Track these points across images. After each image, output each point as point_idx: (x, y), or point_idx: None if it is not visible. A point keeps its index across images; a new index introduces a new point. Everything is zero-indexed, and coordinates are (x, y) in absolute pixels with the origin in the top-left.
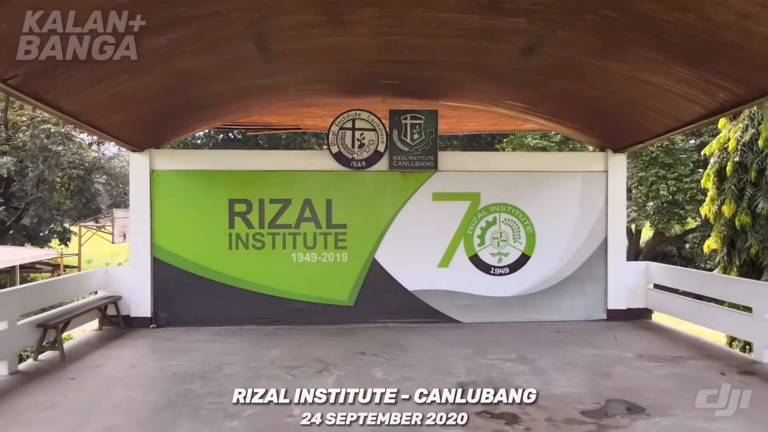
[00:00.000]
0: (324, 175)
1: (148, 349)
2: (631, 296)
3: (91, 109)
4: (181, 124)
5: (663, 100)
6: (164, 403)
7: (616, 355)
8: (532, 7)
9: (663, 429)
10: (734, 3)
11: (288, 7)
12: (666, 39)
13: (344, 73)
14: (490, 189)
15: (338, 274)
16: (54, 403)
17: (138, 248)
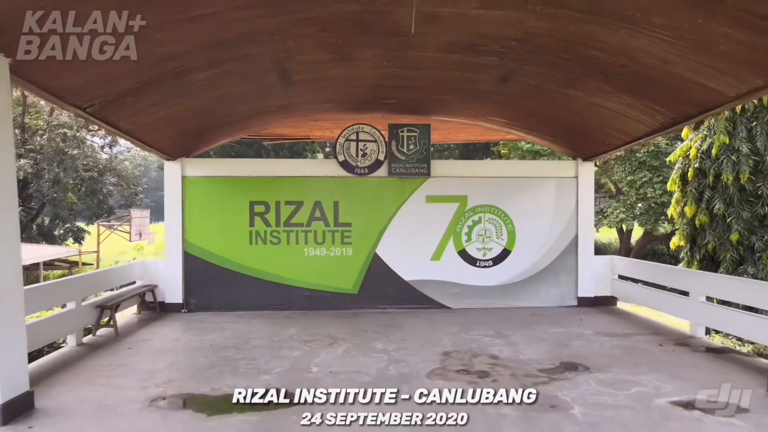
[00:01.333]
0: (332, 180)
1: (184, 328)
2: (598, 285)
3: (142, 128)
4: (209, 137)
5: (616, 120)
6: (208, 364)
7: (578, 332)
8: (501, 49)
9: (598, 380)
10: (655, 52)
11: (305, 49)
12: (610, 75)
13: (349, 95)
14: (476, 192)
15: (344, 266)
16: (120, 364)
17: (171, 243)
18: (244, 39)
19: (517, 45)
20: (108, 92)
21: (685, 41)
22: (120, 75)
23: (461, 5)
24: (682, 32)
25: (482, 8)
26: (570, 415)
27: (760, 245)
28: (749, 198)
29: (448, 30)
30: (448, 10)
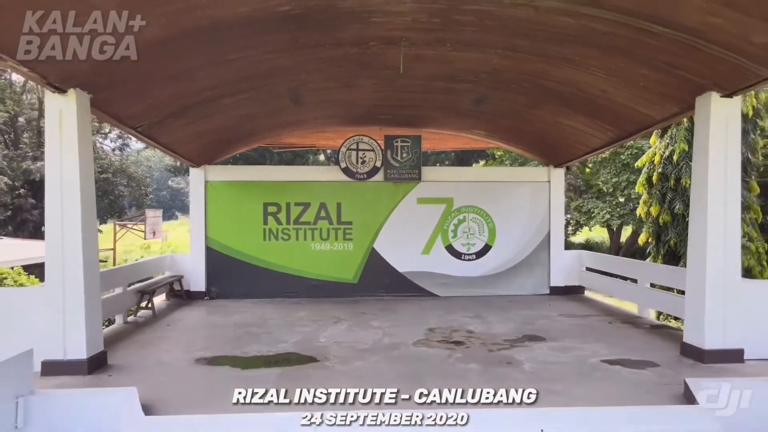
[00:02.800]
0: (335, 184)
1: (210, 311)
2: (568, 276)
3: (177, 141)
4: (230, 147)
5: (576, 135)
6: (236, 336)
7: (544, 314)
8: (475, 79)
9: (550, 347)
10: (596, 84)
11: (315, 79)
12: (565, 100)
13: (350, 112)
14: (460, 195)
15: (346, 259)
16: (164, 337)
17: (195, 239)
18: (266, 73)
19: (487, 76)
20: (156, 115)
21: (617, 78)
22: (167, 102)
23: (439, 49)
24: (612, 72)
25: (456, 51)
26: (520, 368)
27: None
28: None
29: (431, 66)
30: (429, 53)
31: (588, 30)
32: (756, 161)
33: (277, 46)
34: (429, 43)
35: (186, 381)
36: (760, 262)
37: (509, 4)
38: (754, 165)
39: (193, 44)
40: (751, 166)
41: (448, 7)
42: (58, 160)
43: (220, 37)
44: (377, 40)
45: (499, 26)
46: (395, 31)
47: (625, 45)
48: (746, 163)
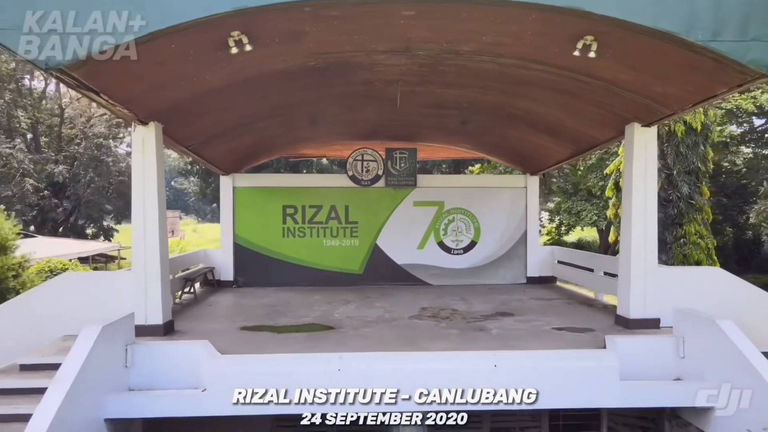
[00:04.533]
0: (343, 190)
1: (240, 296)
2: (542, 268)
3: (216, 155)
4: (254, 159)
5: (545, 149)
6: (266, 313)
7: (518, 298)
8: (458, 107)
9: (515, 319)
10: (553, 113)
11: (329, 107)
12: (531, 123)
13: (357, 130)
14: (450, 199)
15: (352, 253)
16: (209, 313)
17: (225, 236)
18: (292, 104)
19: (467, 105)
20: (204, 137)
21: (566, 110)
22: (213, 127)
23: (428, 87)
24: (563, 106)
25: (441, 89)
26: (489, 333)
27: (671, 238)
28: (663, 202)
29: (422, 98)
30: (420, 90)
31: (539, 78)
32: (706, 169)
33: (302, 87)
34: (419, 84)
35: (238, 340)
36: (709, 256)
37: (478, 61)
38: (705, 172)
39: (241, 89)
40: (701, 174)
41: (433, 62)
42: (141, 174)
43: (262, 83)
44: (379, 81)
45: (472, 74)
46: (393, 76)
47: (569, 88)
48: (698, 171)
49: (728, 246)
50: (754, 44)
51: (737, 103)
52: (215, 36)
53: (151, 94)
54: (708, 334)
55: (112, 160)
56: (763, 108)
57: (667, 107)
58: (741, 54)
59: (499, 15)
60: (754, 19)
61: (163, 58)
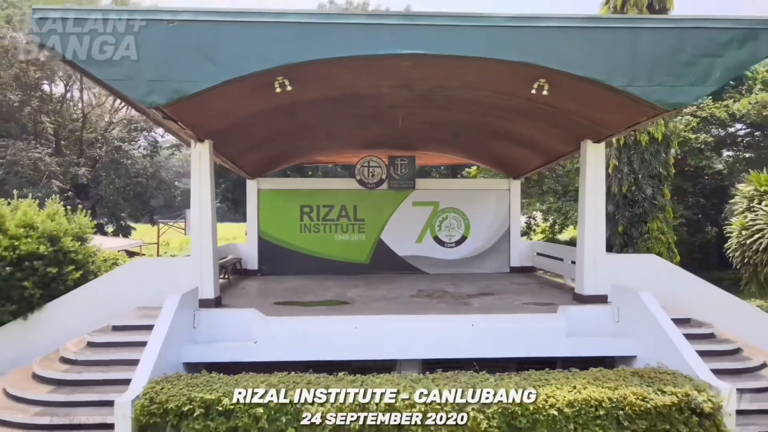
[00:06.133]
0: (352, 192)
1: (266, 282)
2: (523, 259)
3: (247, 163)
4: (277, 165)
5: (523, 158)
6: (291, 294)
7: (500, 283)
8: (449, 124)
9: (494, 297)
10: (526, 131)
11: (342, 124)
12: (509, 138)
13: (364, 141)
14: (444, 199)
15: (360, 246)
16: (245, 293)
17: (250, 232)
18: (313, 122)
19: (458, 123)
20: (242, 149)
21: (535, 129)
22: (249, 141)
23: (425, 110)
24: (532, 125)
25: (435, 111)
26: (471, 306)
27: (637, 234)
28: (630, 203)
29: (419, 118)
30: (418, 111)
31: (510, 105)
32: (668, 173)
33: (323, 110)
34: (417, 107)
35: (275, 310)
36: (670, 249)
37: (463, 93)
38: (666, 176)
39: (275, 114)
40: (663, 178)
41: (427, 93)
42: (198, 180)
43: (292, 109)
44: (384, 106)
45: (459, 102)
46: (396, 102)
47: (535, 113)
48: (660, 175)
49: (711, 244)
50: (659, 88)
51: (711, 112)
52: (265, 81)
53: (209, 120)
54: (634, 303)
55: (130, 163)
56: (735, 116)
57: (607, 129)
58: (649, 95)
59: (475, 64)
60: (658, 70)
61: (225, 96)
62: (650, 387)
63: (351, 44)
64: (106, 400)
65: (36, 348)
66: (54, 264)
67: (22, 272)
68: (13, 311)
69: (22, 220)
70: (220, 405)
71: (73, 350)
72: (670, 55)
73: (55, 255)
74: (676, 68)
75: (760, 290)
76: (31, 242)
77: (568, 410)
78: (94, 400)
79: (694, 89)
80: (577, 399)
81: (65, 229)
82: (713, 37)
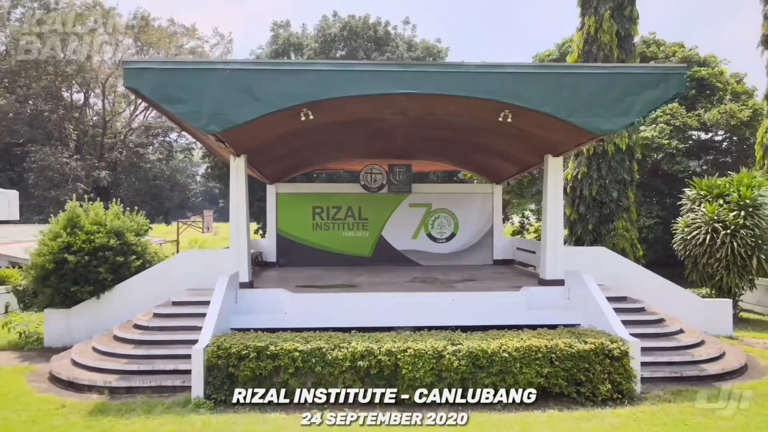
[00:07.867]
0: (357, 195)
1: (284, 272)
2: (505, 253)
3: (269, 172)
4: (292, 172)
5: (501, 166)
6: (308, 280)
7: (483, 272)
8: (438, 139)
9: (475, 282)
10: (502, 147)
11: (350, 140)
12: (487, 151)
13: (367, 152)
14: (437, 201)
15: (364, 241)
16: (269, 279)
17: (270, 229)
18: (327, 139)
19: (444, 139)
20: (268, 160)
21: (507, 145)
22: (273, 154)
23: (419, 129)
24: (504, 142)
25: (427, 130)
26: (456, 288)
27: (604, 231)
28: (598, 204)
29: (416, 134)
30: (414, 130)
31: (486, 127)
32: (632, 179)
33: (335, 130)
34: (413, 127)
35: (298, 291)
36: (633, 245)
37: (448, 117)
38: (630, 182)
39: (297, 134)
40: (628, 183)
41: (420, 119)
42: (236, 188)
43: (312, 130)
44: (386, 126)
45: (445, 124)
46: (395, 124)
47: (506, 133)
48: (624, 181)
49: None
50: (593, 118)
51: (684, 121)
52: (293, 113)
53: (247, 141)
54: (579, 283)
55: (149, 166)
56: (706, 124)
57: (563, 147)
58: (586, 123)
59: (454, 99)
60: (594, 104)
61: (260, 123)
62: (576, 339)
63: (361, 86)
64: (175, 354)
65: (105, 320)
66: (120, 254)
67: (97, 260)
68: (91, 291)
69: (94, 219)
70: (267, 351)
71: (144, 319)
72: (602, 93)
73: (121, 247)
74: (606, 103)
75: (700, 278)
76: (102, 236)
77: (516, 354)
78: (167, 354)
79: (620, 120)
80: (522, 346)
81: (128, 226)
82: (635, 80)
